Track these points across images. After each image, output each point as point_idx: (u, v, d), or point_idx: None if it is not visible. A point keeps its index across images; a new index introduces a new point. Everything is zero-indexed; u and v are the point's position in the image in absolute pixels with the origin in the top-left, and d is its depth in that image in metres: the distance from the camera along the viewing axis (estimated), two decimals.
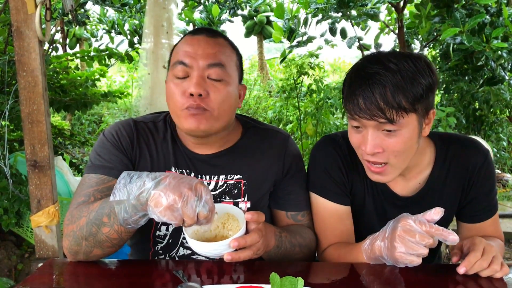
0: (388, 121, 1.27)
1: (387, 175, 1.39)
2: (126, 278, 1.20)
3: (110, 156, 1.44)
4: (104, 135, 1.50)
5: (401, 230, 1.21)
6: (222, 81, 1.40)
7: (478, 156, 1.51)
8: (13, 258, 3.19)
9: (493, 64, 3.99)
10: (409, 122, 1.30)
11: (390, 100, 1.26)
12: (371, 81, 1.28)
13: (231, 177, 1.52)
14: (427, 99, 1.31)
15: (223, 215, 1.28)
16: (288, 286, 0.86)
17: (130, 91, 7.93)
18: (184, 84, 1.39)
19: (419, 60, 1.31)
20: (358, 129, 1.37)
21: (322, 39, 4.43)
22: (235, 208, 1.27)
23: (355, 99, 1.30)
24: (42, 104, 2.30)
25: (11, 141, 3.50)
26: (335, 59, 14.14)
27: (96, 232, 1.22)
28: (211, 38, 1.43)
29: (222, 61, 1.41)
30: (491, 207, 1.56)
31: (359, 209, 1.58)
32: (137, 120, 1.55)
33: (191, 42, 1.42)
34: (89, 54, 3.88)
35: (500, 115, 5.19)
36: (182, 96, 1.38)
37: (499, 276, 1.22)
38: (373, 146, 1.32)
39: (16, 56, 2.27)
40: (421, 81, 1.28)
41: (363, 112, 1.29)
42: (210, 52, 1.40)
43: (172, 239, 1.49)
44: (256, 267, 1.30)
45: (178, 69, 1.39)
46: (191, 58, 1.39)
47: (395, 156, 1.34)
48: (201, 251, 1.18)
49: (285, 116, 6.40)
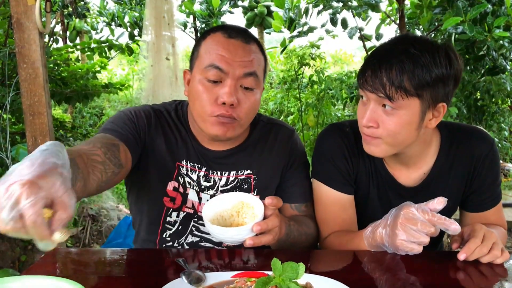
0: (386, 97, 1.30)
1: (378, 147, 1.40)
2: (129, 267, 1.21)
3: (123, 125, 1.42)
4: (123, 111, 1.49)
5: (403, 217, 1.21)
6: (253, 90, 1.41)
7: (484, 146, 1.51)
8: (16, 250, 3.21)
9: (494, 54, 3.98)
10: (410, 105, 1.31)
11: (393, 78, 1.28)
12: (383, 57, 1.32)
13: (241, 172, 1.54)
14: (436, 89, 1.31)
15: (237, 203, 1.29)
16: (290, 271, 0.86)
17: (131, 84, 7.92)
18: (216, 89, 1.37)
19: (441, 50, 1.31)
20: (363, 101, 1.40)
21: (323, 29, 4.41)
22: (249, 196, 1.28)
23: (365, 71, 1.35)
24: (43, 96, 2.30)
25: (13, 134, 3.50)
26: (336, 51, 14.09)
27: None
28: (247, 45, 1.40)
29: (256, 70, 1.40)
30: (495, 196, 1.57)
31: (363, 198, 1.58)
32: (155, 107, 1.55)
33: (227, 46, 1.38)
34: (90, 46, 3.88)
35: (501, 105, 5.18)
36: (214, 103, 1.37)
37: (500, 262, 1.23)
38: (369, 118, 1.36)
39: (16, 48, 2.27)
40: (432, 70, 1.28)
41: (367, 84, 1.33)
42: (246, 60, 1.38)
43: (182, 226, 1.51)
44: (257, 255, 1.31)
45: (212, 72, 1.36)
46: (227, 64, 1.36)
47: (388, 135, 1.35)
48: (223, 237, 1.18)
49: (286, 108, 6.40)
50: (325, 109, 5.33)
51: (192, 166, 1.51)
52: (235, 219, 1.29)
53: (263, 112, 7.25)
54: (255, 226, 1.17)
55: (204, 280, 1.06)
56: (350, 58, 13.95)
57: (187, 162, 1.51)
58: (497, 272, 1.20)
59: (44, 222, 0.76)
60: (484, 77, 4.37)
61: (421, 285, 1.12)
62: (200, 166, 1.51)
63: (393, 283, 1.15)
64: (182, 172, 1.50)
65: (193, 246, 1.51)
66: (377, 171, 1.55)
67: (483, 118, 4.98)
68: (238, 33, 1.41)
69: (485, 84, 4.64)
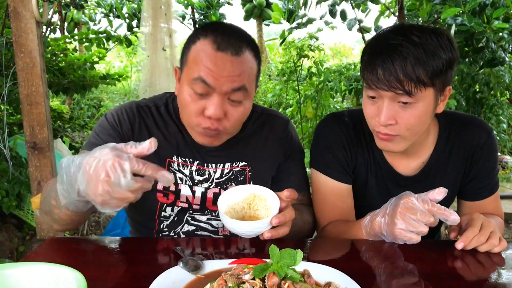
0: (405, 93, 1.27)
1: (396, 143, 1.38)
2: (126, 255, 1.20)
3: (107, 138, 1.42)
4: (106, 117, 1.49)
5: (403, 207, 1.21)
6: (242, 102, 1.36)
7: (482, 134, 1.51)
8: (14, 241, 3.21)
9: (493, 46, 3.97)
10: (426, 96, 1.30)
11: (410, 73, 1.25)
12: (392, 52, 1.27)
13: (236, 164, 1.53)
14: (446, 74, 1.31)
15: (248, 195, 1.28)
16: (287, 258, 0.86)
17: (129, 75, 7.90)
18: (202, 102, 1.33)
19: (442, 35, 1.30)
20: (373, 100, 1.36)
21: (322, 21, 4.40)
22: (262, 188, 1.27)
23: (375, 69, 1.30)
24: (41, 86, 2.30)
25: (10, 124, 3.50)
26: (335, 43, 14.06)
27: (49, 211, 1.20)
28: (237, 57, 1.31)
29: (246, 84, 1.34)
30: (493, 185, 1.57)
31: (362, 188, 1.58)
32: (140, 105, 1.52)
33: (215, 59, 1.30)
34: (88, 36, 3.86)
35: (500, 98, 5.18)
36: (200, 115, 1.34)
37: (497, 251, 1.23)
38: (387, 117, 1.32)
39: (13, 37, 2.26)
40: (442, 56, 1.27)
41: (381, 82, 1.29)
42: (235, 74, 1.31)
43: (177, 218, 1.51)
44: (254, 243, 1.31)
45: (199, 86, 1.30)
46: (214, 79, 1.29)
47: (408, 129, 1.34)
48: (242, 230, 1.18)
49: (285, 100, 6.39)
50: (324, 101, 5.32)
51: (183, 161, 1.49)
52: (246, 212, 1.28)
53: (261, 104, 7.24)
54: (274, 219, 1.17)
55: (201, 268, 1.06)
56: (349, 51, 13.94)
57: (178, 157, 1.49)
58: (494, 261, 1.20)
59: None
60: (483, 69, 4.36)
61: (419, 273, 1.12)
62: (192, 161, 1.49)
63: (391, 271, 1.15)
64: (173, 169, 1.48)
65: (189, 235, 1.51)
66: (376, 161, 1.55)
67: (481, 111, 4.98)
68: (229, 43, 1.31)
69: (484, 77, 4.64)
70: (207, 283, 0.93)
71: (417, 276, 1.10)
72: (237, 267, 0.92)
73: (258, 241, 1.28)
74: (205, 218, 1.51)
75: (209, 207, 1.51)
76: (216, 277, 0.92)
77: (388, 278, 1.11)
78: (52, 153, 2.40)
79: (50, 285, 0.86)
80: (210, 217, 1.51)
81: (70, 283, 0.83)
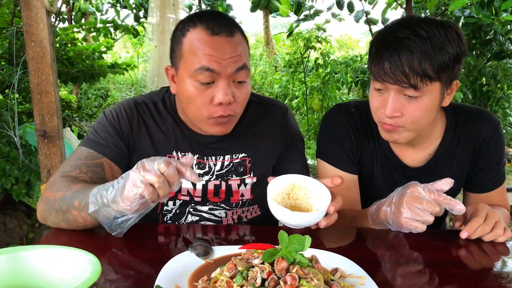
0: (411, 87, 1.28)
1: (400, 134, 1.40)
2: (138, 240, 1.23)
3: (106, 135, 1.44)
4: (105, 114, 1.49)
5: (409, 196, 1.22)
6: (245, 82, 1.38)
7: (489, 127, 1.52)
8: (24, 228, 3.26)
9: (501, 38, 3.96)
10: (432, 90, 1.31)
11: (416, 67, 1.26)
12: (399, 45, 1.28)
13: (236, 156, 1.53)
14: (453, 69, 1.31)
15: (287, 186, 1.23)
16: (296, 243, 0.88)
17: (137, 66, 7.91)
18: (209, 91, 1.33)
19: (450, 29, 1.30)
20: (380, 92, 1.37)
21: (329, 12, 4.39)
22: (302, 177, 1.23)
23: (381, 62, 1.30)
24: (51, 75, 2.32)
25: (19, 113, 3.53)
26: (341, 35, 14.01)
27: (66, 210, 1.22)
28: (232, 37, 1.33)
29: (245, 62, 1.36)
30: (499, 177, 1.58)
31: (367, 178, 1.60)
32: (138, 101, 1.52)
33: (213, 44, 1.30)
34: (96, 26, 3.88)
35: (507, 91, 5.17)
36: (210, 105, 1.34)
37: (502, 241, 1.25)
38: (392, 109, 1.33)
39: (24, 26, 2.28)
40: (449, 50, 1.27)
41: (387, 76, 1.30)
42: (236, 54, 1.32)
43: (179, 210, 1.52)
44: (261, 232, 1.33)
45: (204, 75, 1.30)
46: (217, 63, 1.30)
47: (413, 122, 1.35)
48: (301, 222, 1.14)
49: (291, 91, 6.39)
50: (330, 92, 5.33)
51: (183, 155, 1.49)
52: (287, 202, 1.24)
53: (268, 95, 7.24)
54: (331, 206, 1.14)
55: (211, 253, 1.09)
56: (355, 43, 13.89)
57: (177, 152, 1.49)
58: (499, 250, 1.22)
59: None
60: (490, 62, 4.35)
61: (424, 261, 1.14)
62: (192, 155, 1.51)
63: (396, 259, 1.17)
64: None
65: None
66: (382, 152, 1.57)
67: (488, 104, 4.98)
68: (221, 26, 1.32)
69: (491, 70, 4.62)
70: (217, 268, 0.95)
71: (422, 264, 1.12)
72: (247, 252, 0.94)
73: (265, 228, 1.30)
74: (206, 208, 1.53)
75: (210, 199, 1.52)
76: (225, 262, 0.94)
77: (393, 265, 1.14)
78: (62, 141, 2.43)
79: (65, 267, 0.88)
80: (212, 207, 1.53)
81: (85, 265, 0.85)
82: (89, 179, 1.35)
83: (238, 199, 1.54)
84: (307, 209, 1.21)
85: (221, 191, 1.52)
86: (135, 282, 1.01)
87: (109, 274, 1.04)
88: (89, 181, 1.34)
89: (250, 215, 1.57)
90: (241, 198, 1.54)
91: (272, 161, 1.59)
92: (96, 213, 1.15)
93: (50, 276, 0.89)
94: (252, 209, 1.58)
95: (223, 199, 1.52)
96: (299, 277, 0.85)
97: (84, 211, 1.17)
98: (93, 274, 0.80)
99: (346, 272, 1.01)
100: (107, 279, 1.01)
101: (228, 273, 0.89)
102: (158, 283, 0.92)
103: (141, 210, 1.11)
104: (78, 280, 0.79)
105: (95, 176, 1.37)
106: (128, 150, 1.47)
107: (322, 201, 1.18)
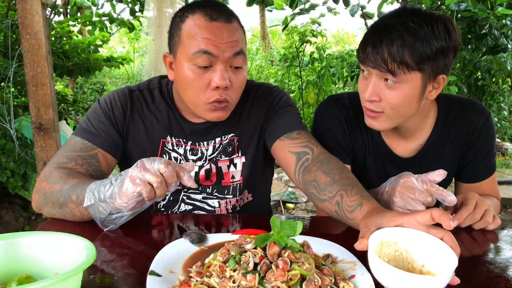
0: (389, 72, 1.32)
1: (380, 122, 1.42)
2: (134, 228, 1.24)
3: (99, 124, 1.45)
4: (99, 102, 1.51)
5: (402, 186, 1.24)
6: (241, 68, 1.40)
7: (479, 117, 1.54)
8: (20, 220, 3.27)
9: (496, 33, 3.97)
10: (412, 79, 1.33)
11: (394, 53, 1.29)
12: (384, 32, 1.33)
13: (225, 137, 1.54)
14: (437, 61, 1.33)
15: (376, 246, 0.96)
16: (288, 229, 0.90)
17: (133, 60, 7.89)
18: (206, 74, 1.35)
19: (439, 22, 1.32)
20: (365, 76, 1.41)
21: (324, 6, 4.40)
22: (394, 230, 0.98)
23: (366, 47, 1.36)
24: (46, 67, 2.32)
25: (15, 107, 3.53)
26: (338, 30, 14.01)
27: (63, 203, 1.24)
28: (230, 24, 1.37)
29: (243, 48, 1.39)
30: (490, 167, 1.60)
31: (360, 168, 1.62)
32: (132, 89, 1.54)
33: (211, 29, 1.34)
34: (91, 19, 3.87)
35: (502, 85, 5.19)
36: (207, 89, 1.36)
37: (492, 228, 1.27)
38: (371, 93, 1.37)
39: (19, 18, 2.28)
40: (432, 43, 1.29)
41: (368, 60, 1.34)
42: (233, 40, 1.35)
43: (172, 197, 1.54)
44: (255, 219, 1.34)
45: (202, 58, 1.33)
46: (215, 47, 1.33)
47: (391, 108, 1.37)
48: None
49: (287, 85, 6.40)
50: (326, 87, 5.34)
51: (177, 141, 1.51)
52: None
53: None
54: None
55: (205, 240, 1.10)
56: (352, 38, 13.88)
57: (171, 137, 1.51)
58: (488, 238, 1.24)
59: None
60: (485, 56, 4.37)
61: None
62: (185, 141, 1.52)
63: None
64: (167, 148, 1.51)
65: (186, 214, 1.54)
66: (374, 142, 1.59)
67: (483, 98, 5.00)
68: (219, 13, 1.36)
69: (486, 64, 4.64)
70: (211, 254, 0.97)
71: None
72: (240, 237, 0.96)
73: (257, 219, 1.32)
74: (200, 197, 1.54)
75: (202, 183, 1.53)
76: (219, 248, 0.95)
77: None
78: (58, 134, 2.43)
79: (61, 252, 0.89)
80: (205, 195, 1.54)
81: (80, 250, 0.86)
82: (84, 171, 1.37)
83: (229, 182, 1.54)
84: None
85: (212, 174, 1.53)
86: (130, 266, 1.03)
87: (104, 259, 1.06)
88: (85, 173, 1.36)
89: (242, 202, 1.59)
90: (232, 181, 1.55)
91: (259, 139, 1.56)
92: (91, 208, 1.18)
93: (46, 261, 0.90)
94: (244, 196, 1.59)
95: (214, 182, 1.53)
96: (291, 262, 0.86)
97: (82, 206, 1.20)
98: (88, 258, 0.81)
99: (338, 258, 1.02)
100: (102, 264, 1.03)
101: (221, 258, 0.91)
102: (152, 268, 0.94)
103: (137, 208, 1.14)
104: (73, 264, 0.81)
105: (91, 167, 1.39)
106: (122, 137, 1.49)
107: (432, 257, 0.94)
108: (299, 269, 0.85)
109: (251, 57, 9.33)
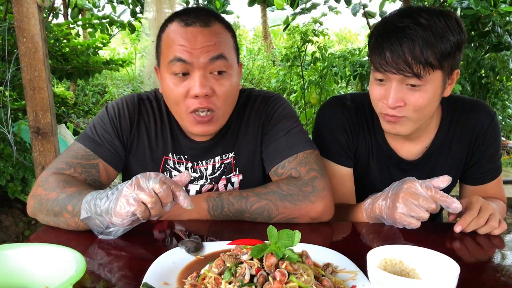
0: (414, 76, 1.27)
1: (403, 125, 1.37)
2: (128, 237, 1.21)
3: (104, 134, 1.41)
4: (107, 109, 1.46)
5: (406, 191, 1.21)
6: (225, 74, 1.32)
7: (485, 118, 1.51)
8: (20, 225, 3.25)
9: (499, 30, 3.94)
10: (434, 78, 1.29)
11: (418, 55, 1.25)
12: (400, 34, 1.27)
13: (226, 156, 1.49)
14: (454, 57, 1.30)
15: (379, 263, 0.94)
16: (285, 238, 0.87)
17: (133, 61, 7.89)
18: (185, 83, 1.29)
19: (450, 17, 1.29)
20: (381, 82, 1.36)
21: (326, 5, 4.37)
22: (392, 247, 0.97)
23: (383, 52, 1.29)
24: (43, 71, 2.30)
25: (14, 110, 3.51)
26: (340, 29, 13.98)
27: (58, 212, 1.21)
28: (206, 28, 1.30)
29: (223, 52, 1.30)
30: (495, 169, 1.56)
31: (363, 171, 1.58)
32: (142, 97, 1.49)
33: (185, 35, 1.28)
34: (91, 22, 3.85)
35: (506, 83, 5.15)
36: (186, 98, 1.30)
37: (497, 233, 1.23)
38: (395, 99, 1.31)
39: (15, 22, 2.26)
40: (450, 38, 1.26)
41: (389, 65, 1.28)
42: (209, 44, 1.28)
43: None
44: (253, 226, 1.31)
45: (176, 66, 1.28)
46: (189, 54, 1.27)
47: (415, 111, 1.33)
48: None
49: (289, 85, 6.37)
50: (328, 86, 5.30)
51: (178, 158, 1.47)
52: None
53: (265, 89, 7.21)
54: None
55: (202, 249, 1.07)
56: (354, 37, 13.86)
57: (173, 155, 1.47)
58: (494, 243, 1.21)
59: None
60: (489, 54, 4.33)
61: None
62: (186, 158, 1.47)
63: None
64: (169, 166, 1.47)
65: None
66: (378, 145, 1.55)
67: (487, 96, 4.96)
68: (195, 18, 1.30)
69: (490, 62, 4.60)
70: (207, 264, 0.93)
71: None
72: (236, 248, 0.93)
73: (257, 226, 1.29)
74: None
75: None
76: (215, 258, 0.92)
77: None
78: (56, 138, 2.41)
79: (50, 265, 0.87)
80: None
81: (70, 262, 0.84)
82: (83, 179, 1.34)
83: None
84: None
85: None
86: (124, 277, 0.99)
87: (97, 270, 1.02)
88: (83, 181, 1.33)
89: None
90: None
91: (256, 155, 1.50)
92: (87, 220, 1.15)
93: (35, 274, 0.88)
94: None
95: None
96: (289, 273, 0.83)
97: (77, 216, 1.17)
98: (77, 272, 0.79)
99: (338, 267, 0.99)
100: (94, 276, 1.00)
101: (217, 269, 0.87)
102: (146, 280, 0.90)
103: (134, 224, 1.13)
104: (63, 277, 0.78)
105: (90, 177, 1.36)
106: (125, 150, 1.45)
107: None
108: (297, 281, 0.82)
109: (253, 57, 9.30)
